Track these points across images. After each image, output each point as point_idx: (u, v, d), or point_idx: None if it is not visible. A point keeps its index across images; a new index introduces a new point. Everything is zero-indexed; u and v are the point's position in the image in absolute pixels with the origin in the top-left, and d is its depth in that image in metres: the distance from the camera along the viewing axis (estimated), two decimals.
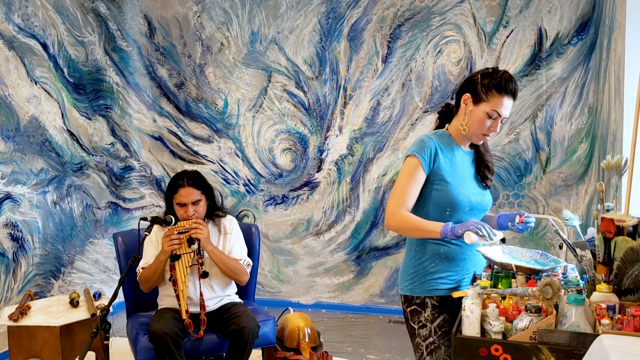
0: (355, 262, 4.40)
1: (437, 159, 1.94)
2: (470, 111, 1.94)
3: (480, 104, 1.92)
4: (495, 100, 1.90)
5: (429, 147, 1.93)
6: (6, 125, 3.46)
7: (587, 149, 3.85)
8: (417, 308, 1.98)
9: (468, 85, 1.98)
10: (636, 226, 1.72)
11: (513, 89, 1.92)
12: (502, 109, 1.91)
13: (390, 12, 4.10)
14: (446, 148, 1.98)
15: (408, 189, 1.90)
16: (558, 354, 1.47)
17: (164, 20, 4.53)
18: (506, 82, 1.90)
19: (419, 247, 1.99)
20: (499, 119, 1.93)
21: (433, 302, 1.96)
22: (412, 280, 1.99)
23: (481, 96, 1.92)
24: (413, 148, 1.95)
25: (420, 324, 1.97)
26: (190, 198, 2.74)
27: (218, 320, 2.75)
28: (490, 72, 1.95)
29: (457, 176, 1.96)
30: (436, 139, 1.97)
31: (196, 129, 4.60)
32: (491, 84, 1.91)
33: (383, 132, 4.23)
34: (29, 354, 2.80)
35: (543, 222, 3.95)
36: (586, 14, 3.76)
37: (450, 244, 1.97)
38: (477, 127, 1.94)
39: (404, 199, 1.90)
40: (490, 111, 1.91)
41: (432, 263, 1.96)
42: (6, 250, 3.45)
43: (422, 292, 1.97)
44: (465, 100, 1.96)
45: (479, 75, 1.96)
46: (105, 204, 4.33)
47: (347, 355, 3.57)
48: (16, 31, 3.52)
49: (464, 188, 1.95)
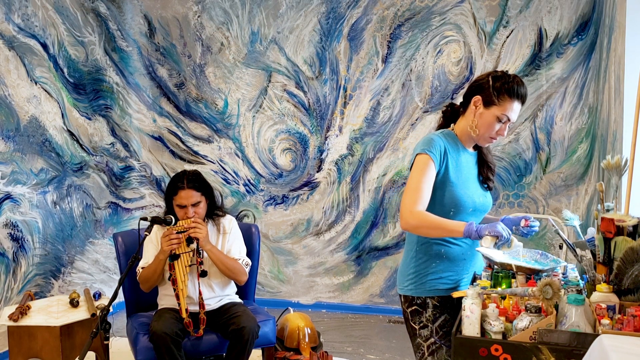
0: (355, 262, 4.40)
1: (445, 158, 1.93)
2: (481, 114, 1.94)
3: (491, 107, 1.92)
4: (506, 104, 1.91)
5: (438, 145, 1.92)
6: (6, 125, 3.46)
7: (587, 149, 3.85)
8: (418, 308, 1.97)
9: (479, 88, 1.97)
10: (636, 226, 1.72)
11: (524, 94, 1.93)
12: (512, 113, 1.92)
13: (390, 12, 4.10)
14: (453, 148, 1.97)
15: (422, 186, 1.87)
16: (558, 354, 1.47)
17: (164, 20, 4.53)
18: (518, 87, 1.91)
19: (419, 247, 1.98)
20: (508, 123, 1.94)
21: (434, 303, 1.96)
22: (413, 281, 1.98)
23: (493, 99, 1.92)
24: (423, 146, 1.93)
25: (421, 325, 1.97)
26: (190, 200, 2.74)
27: (218, 320, 2.75)
28: (500, 75, 1.95)
29: (462, 177, 1.95)
30: (444, 139, 1.97)
31: (196, 129, 4.59)
32: (503, 88, 1.91)
33: (383, 132, 4.23)
34: (29, 354, 2.80)
35: (543, 222, 3.95)
36: (586, 14, 3.76)
37: (451, 245, 1.96)
38: (486, 129, 1.94)
39: (419, 196, 1.86)
40: (501, 115, 1.91)
41: (432, 263, 1.96)
42: (6, 250, 3.45)
43: (423, 293, 1.96)
44: (475, 102, 1.95)
45: (489, 78, 1.95)
46: (105, 204, 4.33)
47: (347, 355, 3.57)
48: (16, 31, 3.52)
49: (468, 189, 1.95)
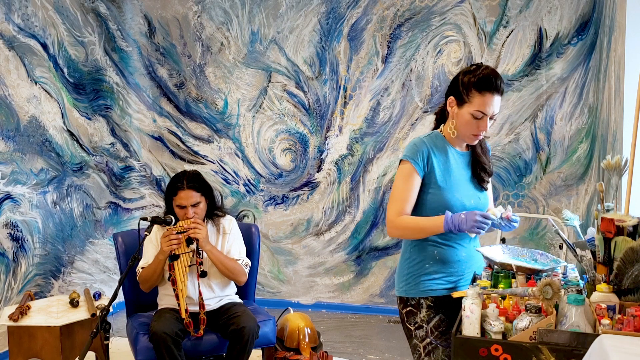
0: (355, 262, 4.40)
1: (430, 162, 1.90)
2: (457, 114, 1.89)
3: (464, 106, 1.87)
4: (477, 100, 1.83)
5: (421, 150, 1.90)
6: (6, 125, 3.46)
7: (587, 149, 3.85)
8: (413, 309, 1.97)
9: (452, 87, 1.92)
10: (636, 226, 1.72)
11: (495, 85, 1.82)
12: (486, 107, 1.83)
13: (390, 12, 4.10)
14: (439, 150, 1.94)
15: (405, 194, 1.89)
16: (558, 354, 1.47)
17: (164, 20, 4.53)
18: (485, 79, 1.82)
19: (413, 249, 1.98)
20: (487, 118, 1.85)
21: (428, 303, 1.95)
22: (407, 282, 1.98)
23: (463, 97, 1.86)
24: (406, 153, 1.92)
25: (416, 325, 1.97)
26: (189, 201, 2.75)
27: (218, 320, 2.75)
28: (468, 70, 1.87)
29: (451, 179, 1.92)
30: (429, 142, 1.93)
31: (196, 129, 4.59)
32: (470, 83, 1.84)
33: (383, 132, 4.23)
34: (29, 354, 2.80)
35: (543, 222, 3.95)
36: (586, 14, 3.76)
37: (445, 246, 1.95)
38: (465, 129, 1.89)
39: (402, 205, 1.89)
40: (474, 112, 1.84)
41: (426, 264, 1.95)
42: (6, 250, 3.45)
43: (417, 293, 1.96)
44: (450, 104, 1.91)
45: (460, 75, 1.89)
46: (105, 204, 4.33)
47: (347, 355, 3.57)
48: (16, 31, 3.52)
49: (458, 192, 1.92)
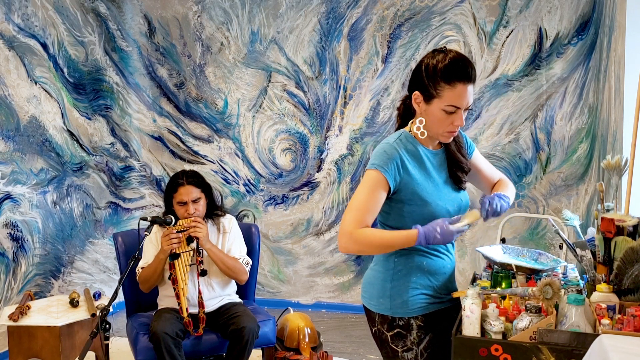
0: (355, 262, 4.40)
1: (405, 171, 1.65)
2: (425, 111, 1.64)
3: (432, 102, 1.61)
4: (447, 94, 1.58)
5: (393, 160, 1.64)
6: (6, 125, 3.46)
7: (587, 149, 3.85)
8: (402, 331, 1.73)
9: (415, 79, 1.65)
10: (636, 226, 1.73)
11: (466, 73, 1.57)
12: (459, 100, 1.58)
13: (390, 12, 4.10)
14: (412, 155, 1.69)
15: (369, 204, 1.62)
16: (558, 354, 1.48)
17: (164, 20, 4.53)
18: (454, 67, 1.57)
19: (398, 259, 1.73)
20: (461, 111, 1.61)
21: (418, 323, 1.73)
22: (392, 298, 1.73)
23: (430, 92, 1.60)
24: (375, 161, 1.64)
25: (405, 348, 1.74)
26: (190, 196, 2.76)
27: (218, 320, 2.75)
28: (434, 57, 1.61)
29: (432, 187, 1.69)
30: (400, 147, 1.67)
31: (196, 129, 4.59)
32: (437, 76, 1.58)
33: (383, 132, 4.23)
34: (29, 354, 2.80)
35: (543, 222, 3.95)
36: (586, 14, 3.76)
37: (433, 256, 1.74)
38: (438, 127, 1.64)
39: (363, 215, 1.61)
40: (446, 107, 1.59)
41: (413, 277, 1.72)
42: (6, 250, 3.45)
43: (406, 313, 1.72)
44: (416, 100, 1.65)
45: (422, 65, 1.62)
46: (105, 204, 4.33)
47: (347, 355, 3.57)
48: (16, 31, 3.52)
49: (440, 199, 1.69)
